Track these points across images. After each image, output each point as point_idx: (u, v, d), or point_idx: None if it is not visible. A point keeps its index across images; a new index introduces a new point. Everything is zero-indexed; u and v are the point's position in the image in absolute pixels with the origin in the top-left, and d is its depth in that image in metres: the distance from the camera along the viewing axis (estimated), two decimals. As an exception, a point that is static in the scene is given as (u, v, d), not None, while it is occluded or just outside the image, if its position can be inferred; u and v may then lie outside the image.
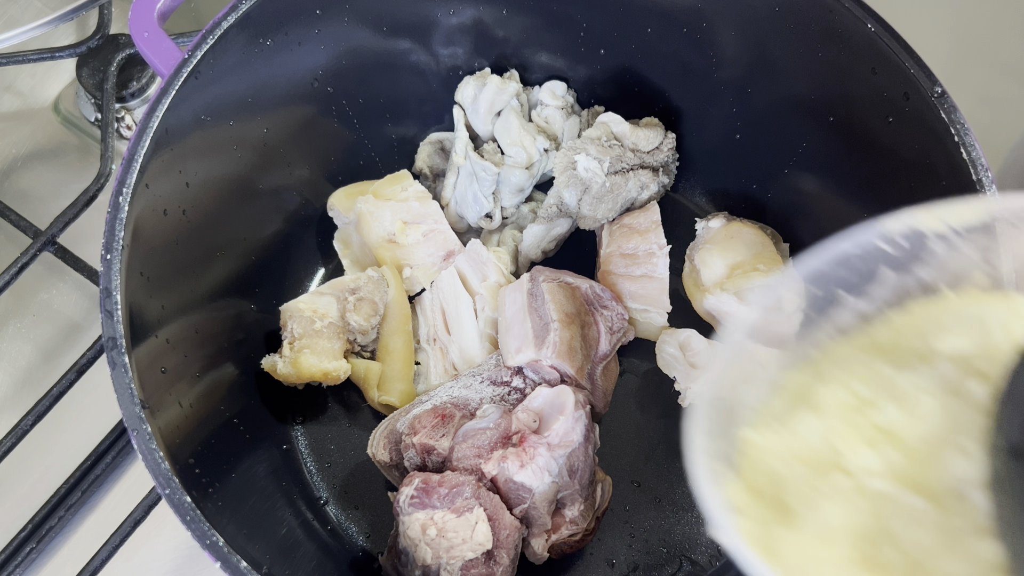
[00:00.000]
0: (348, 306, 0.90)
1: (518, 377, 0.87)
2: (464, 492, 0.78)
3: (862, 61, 0.79)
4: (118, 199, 0.73)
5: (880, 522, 0.47)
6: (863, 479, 0.49)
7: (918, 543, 0.46)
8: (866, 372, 0.53)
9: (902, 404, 0.50)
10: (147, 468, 0.66)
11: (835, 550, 0.47)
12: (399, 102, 0.99)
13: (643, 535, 0.89)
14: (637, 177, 0.95)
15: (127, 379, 0.68)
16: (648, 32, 0.93)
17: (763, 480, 0.52)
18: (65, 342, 1.01)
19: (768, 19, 0.84)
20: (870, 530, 0.47)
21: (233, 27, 0.80)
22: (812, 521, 0.48)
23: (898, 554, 0.46)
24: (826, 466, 0.50)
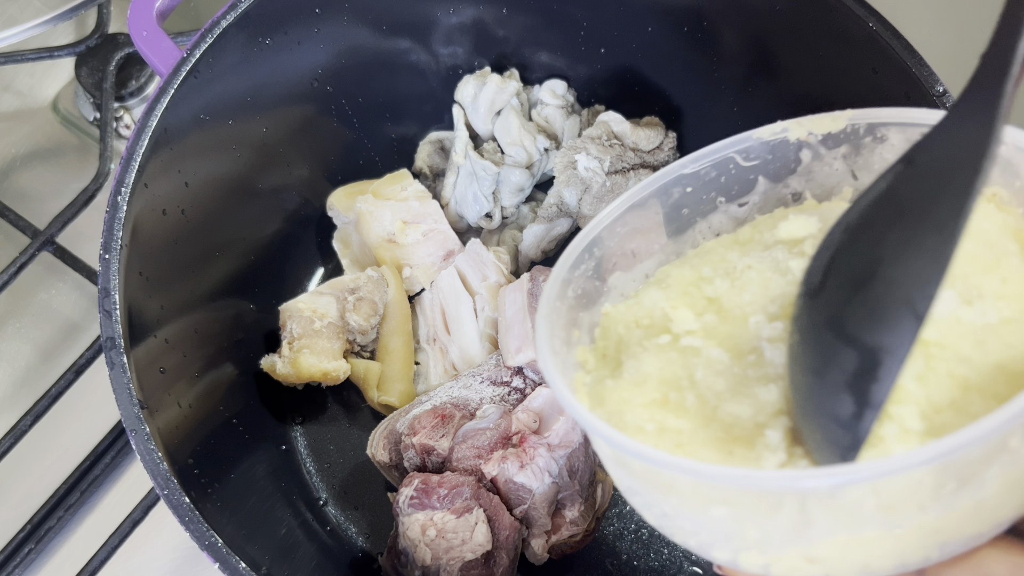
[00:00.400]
0: (347, 306, 0.90)
1: (518, 377, 0.87)
2: (464, 493, 0.78)
3: (863, 60, 0.79)
4: (117, 199, 0.73)
5: (686, 371, 0.52)
6: (681, 337, 0.54)
7: (713, 388, 0.51)
8: (717, 259, 0.59)
9: (731, 279, 0.56)
10: (146, 468, 0.67)
11: (644, 393, 0.52)
12: (399, 101, 0.99)
13: (644, 536, 0.89)
14: (638, 176, 0.95)
15: (126, 379, 0.69)
16: (649, 31, 0.93)
17: (609, 344, 0.58)
18: (64, 342, 1.01)
19: (769, 18, 0.84)
20: (676, 378, 0.52)
21: (232, 26, 0.80)
22: (631, 370, 0.54)
23: (695, 397, 0.51)
24: (656, 329, 0.56)
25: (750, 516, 0.46)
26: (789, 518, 0.44)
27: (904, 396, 0.45)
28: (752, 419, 0.49)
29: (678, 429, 0.50)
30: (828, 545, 0.45)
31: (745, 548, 0.47)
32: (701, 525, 0.49)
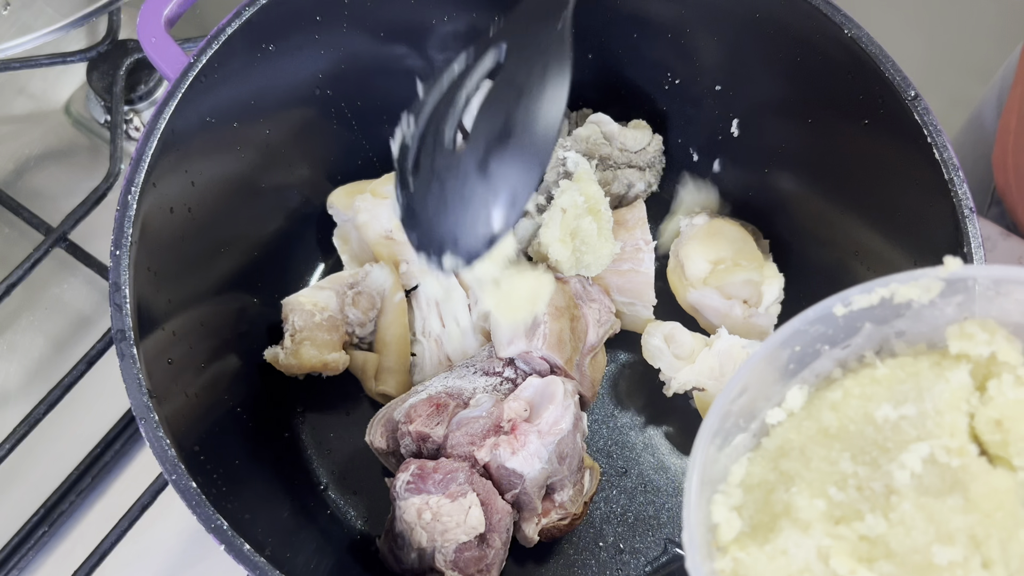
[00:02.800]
0: (347, 300, 0.91)
1: (510, 368, 0.88)
2: (458, 478, 0.79)
3: (839, 66, 0.80)
4: (127, 197, 0.74)
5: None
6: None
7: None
8: (828, 468, 0.54)
9: (881, 511, 0.51)
10: (154, 455, 0.67)
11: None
12: (396, 105, 0.92)
13: (630, 520, 0.90)
14: (624, 175, 0.97)
15: (135, 370, 0.69)
16: (634, 38, 0.93)
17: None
18: (75, 334, 1.01)
19: (748, 26, 0.85)
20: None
21: (236, 33, 0.81)
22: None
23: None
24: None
25: None
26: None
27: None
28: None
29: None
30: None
31: None
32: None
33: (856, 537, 0.51)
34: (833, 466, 0.54)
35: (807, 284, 0.93)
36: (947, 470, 0.52)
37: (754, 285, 0.90)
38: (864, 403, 0.56)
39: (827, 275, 0.91)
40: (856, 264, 0.87)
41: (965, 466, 0.52)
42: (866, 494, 0.52)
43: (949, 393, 0.54)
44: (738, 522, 0.54)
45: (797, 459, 0.55)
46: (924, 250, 0.78)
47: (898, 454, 0.53)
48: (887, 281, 0.55)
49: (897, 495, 0.52)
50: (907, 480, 0.52)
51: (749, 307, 0.91)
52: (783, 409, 0.57)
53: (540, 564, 0.89)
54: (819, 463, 0.54)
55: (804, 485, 0.53)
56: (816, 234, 0.93)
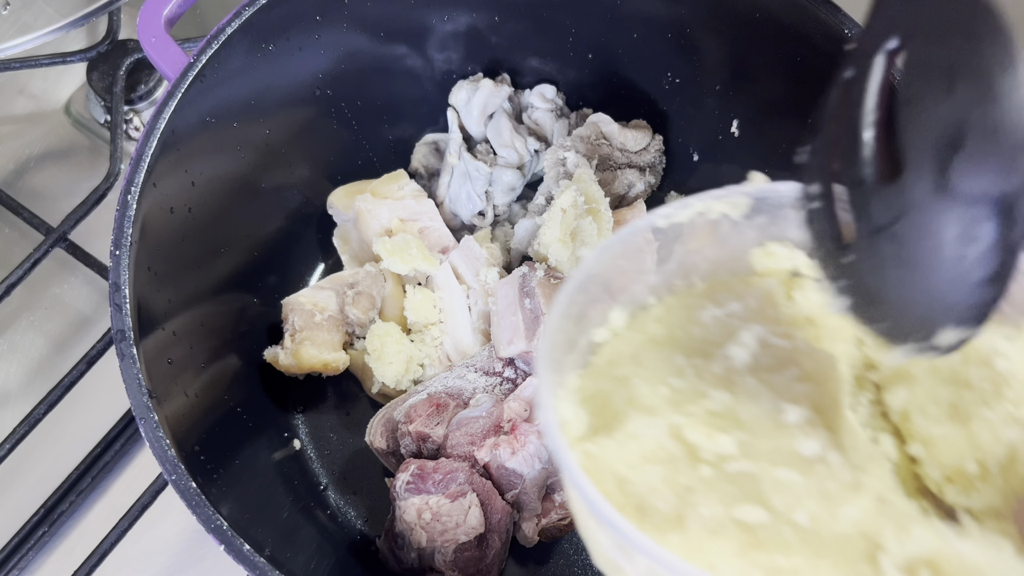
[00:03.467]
0: (347, 300, 0.91)
1: (510, 368, 0.88)
2: (458, 478, 0.79)
3: (839, 65, 0.79)
4: (126, 197, 0.74)
5: (761, 500, 0.48)
6: (725, 463, 0.50)
7: (805, 511, 0.47)
8: (662, 365, 0.55)
9: (725, 388, 0.53)
10: (154, 455, 0.67)
11: (726, 541, 0.48)
12: (396, 105, 1.00)
13: None
14: (624, 175, 0.97)
15: (135, 370, 0.69)
16: (634, 37, 0.93)
17: (621, 490, 0.51)
18: (76, 334, 1.02)
19: (748, 25, 0.85)
20: (756, 513, 0.48)
21: (236, 33, 0.81)
22: (694, 522, 0.48)
23: (790, 528, 0.47)
24: (679, 461, 0.50)
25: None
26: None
27: None
28: (863, 534, 0.46)
29: (792, 568, 0.45)
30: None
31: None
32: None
33: (704, 413, 0.52)
34: (668, 362, 0.55)
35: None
36: (779, 351, 0.54)
37: (754, 285, 0.90)
38: (687, 311, 0.58)
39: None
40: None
41: (795, 347, 0.54)
42: (707, 378, 0.53)
43: (764, 292, 0.57)
44: (584, 416, 0.54)
45: (630, 364, 0.56)
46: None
47: (732, 341, 0.55)
48: (702, 197, 0.57)
49: (738, 373, 0.53)
50: (746, 358, 0.54)
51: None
52: (607, 329, 0.58)
53: (540, 564, 0.89)
54: (653, 363, 0.55)
55: (642, 381, 0.54)
56: (816, 234, 0.93)
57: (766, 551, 0.46)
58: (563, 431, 0.53)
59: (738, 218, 0.57)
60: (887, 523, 0.47)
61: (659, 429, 0.51)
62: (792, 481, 0.48)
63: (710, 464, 0.49)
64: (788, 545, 0.46)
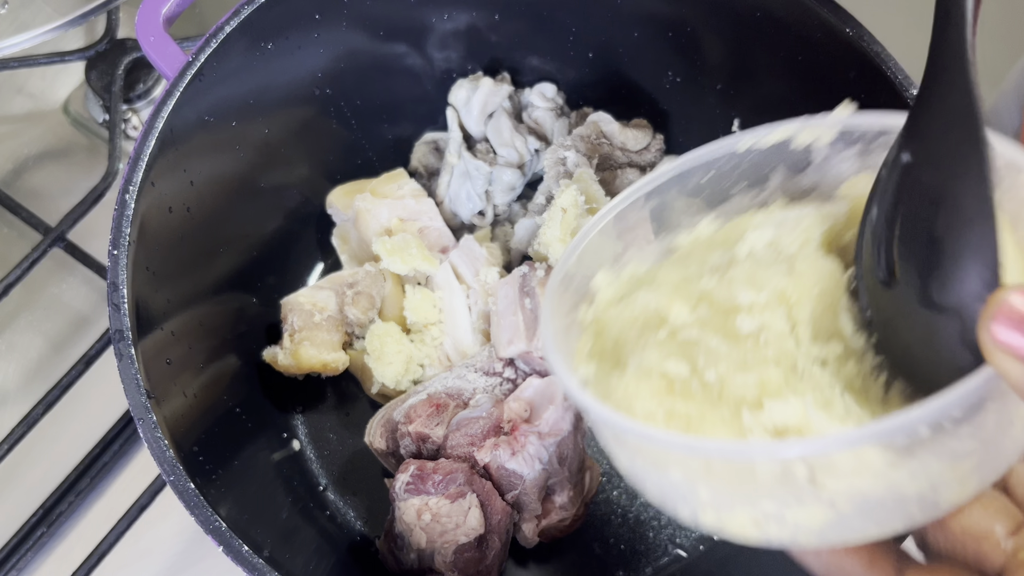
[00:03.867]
0: (346, 299, 0.91)
1: (510, 368, 0.88)
2: (457, 479, 0.79)
3: (841, 65, 0.80)
4: (125, 197, 0.73)
5: (688, 361, 0.53)
6: (679, 331, 0.55)
7: (716, 371, 0.52)
8: (699, 260, 0.60)
9: (719, 275, 0.57)
10: (153, 456, 0.67)
11: (650, 384, 0.53)
12: (395, 104, 1.00)
13: (630, 521, 0.90)
14: (625, 175, 0.97)
15: (133, 370, 0.69)
16: (635, 36, 0.93)
17: (606, 344, 0.59)
18: (74, 334, 1.01)
19: (750, 24, 0.85)
20: (679, 367, 0.53)
21: (235, 31, 0.81)
22: (634, 365, 0.55)
23: (699, 384, 0.52)
24: (652, 326, 0.57)
25: (703, 479, 0.49)
26: (742, 480, 0.48)
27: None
28: (756, 397, 0.50)
29: (686, 414, 0.51)
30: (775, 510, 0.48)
31: (701, 508, 0.51)
32: (669, 488, 0.52)
33: (697, 295, 0.57)
34: (703, 263, 0.59)
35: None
36: (783, 251, 0.57)
37: (755, 284, 0.90)
38: (728, 234, 0.61)
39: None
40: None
41: (802, 253, 0.57)
42: (714, 270, 0.58)
43: (816, 213, 0.59)
44: (611, 291, 0.62)
45: (680, 260, 0.62)
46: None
47: (744, 237, 0.59)
48: (786, 123, 0.62)
49: (735, 265, 0.57)
50: (744, 252, 0.58)
51: (750, 307, 0.91)
52: (692, 232, 0.63)
53: (540, 564, 0.89)
54: (694, 261, 0.60)
55: (672, 268, 0.61)
56: (818, 234, 0.93)
57: (673, 397, 0.52)
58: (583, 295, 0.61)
59: (825, 144, 0.61)
60: (781, 392, 0.51)
61: (650, 300, 0.58)
62: (719, 348, 0.53)
63: (669, 329, 0.56)
64: (691, 395, 0.52)
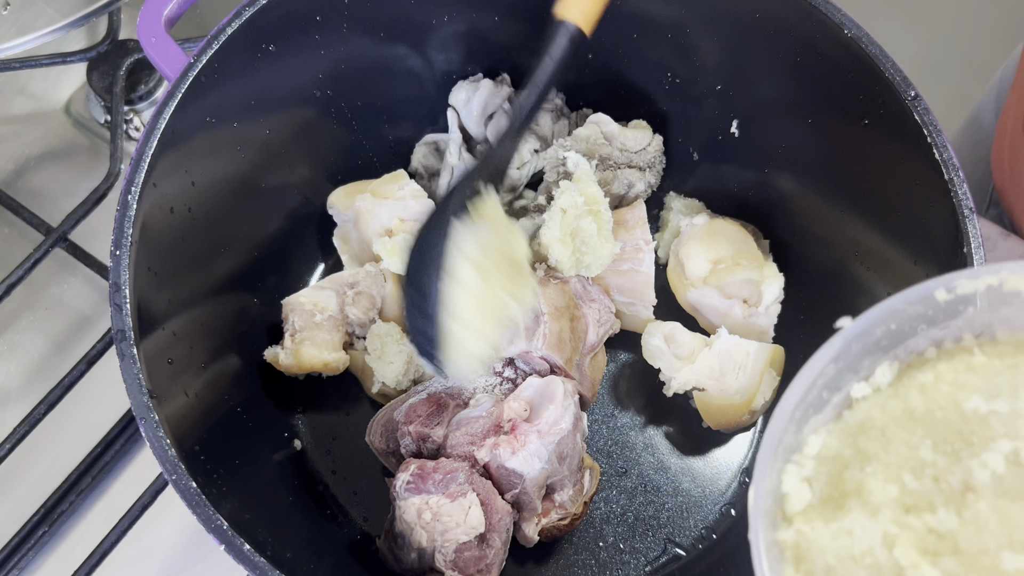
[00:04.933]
0: (347, 300, 0.91)
1: (510, 368, 0.88)
2: (458, 478, 0.79)
3: (839, 66, 0.80)
4: (127, 197, 0.74)
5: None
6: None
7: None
8: (904, 452, 0.52)
9: (955, 507, 0.50)
10: (154, 455, 0.67)
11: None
12: (396, 105, 1.00)
13: (629, 520, 0.91)
14: (624, 175, 0.97)
15: (135, 370, 0.69)
16: (634, 38, 0.93)
17: (815, 568, 0.52)
18: (76, 334, 1.01)
19: (748, 26, 0.85)
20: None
21: (236, 33, 0.81)
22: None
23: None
24: (883, 571, 0.49)
25: None
26: None
27: None
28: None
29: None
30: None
31: None
32: None
33: (925, 529, 0.49)
34: (913, 452, 0.52)
35: (807, 284, 0.93)
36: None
37: (754, 284, 0.91)
38: (955, 390, 0.54)
39: (827, 275, 0.92)
40: (856, 264, 0.88)
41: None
42: (942, 487, 0.51)
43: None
44: (808, 494, 0.53)
45: (877, 439, 0.53)
46: (924, 250, 0.78)
47: (982, 450, 0.51)
48: (997, 268, 0.53)
49: (974, 493, 0.50)
50: (987, 479, 0.50)
51: (749, 307, 0.91)
52: (870, 384, 0.55)
53: (540, 564, 0.89)
54: (899, 446, 0.53)
55: (880, 467, 0.52)
56: (816, 234, 0.93)
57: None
58: (778, 505, 0.52)
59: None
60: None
61: (874, 535, 0.50)
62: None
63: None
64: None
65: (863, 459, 0.53)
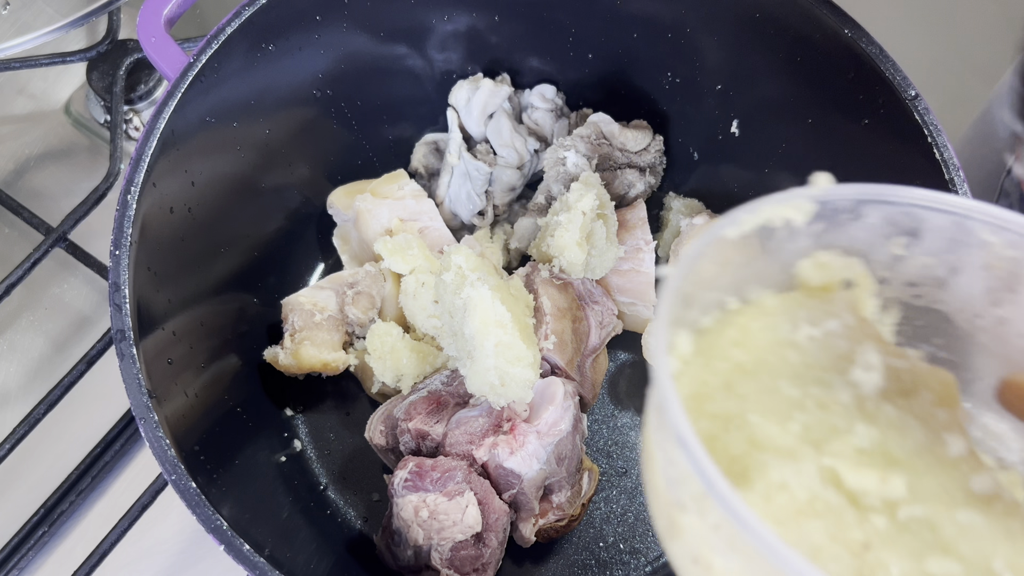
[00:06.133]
0: (347, 299, 0.91)
1: None
2: (456, 476, 0.79)
3: (840, 65, 0.80)
4: (126, 197, 0.74)
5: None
6: (898, 509, 0.43)
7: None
8: (773, 399, 0.47)
9: (865, 419, 0.46)
10: (154, 455, 0.67)
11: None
12: (396, 104, 1.00)
13: (629, 520, 0.90)
14: (624, 175, 0.97)
15: (135, 370, 0.69)
16: (634, 38, 0.93)
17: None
18: (75, 334, 1.02)
19: (748, 26, 0.85)
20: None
21: (236, 32, 0.81)
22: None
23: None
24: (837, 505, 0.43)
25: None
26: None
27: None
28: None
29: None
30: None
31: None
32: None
33: (853, 452, 0.44)
34: (777, 394, 0.47)
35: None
36: (900, 372, 0.49)
37: (754, 284, 0.90)
38: (770, 332, 0.50)
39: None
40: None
41: (913, 368, 0.49)
42: (836, 409, 0.46)
43: (850, 305, 0.51)
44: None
45: (725, 399, 0.47)
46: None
47: (847, 365, 0.48)
48: (767, 201, 0.49)
49: (872, 402, 0.46)
50: (878, 382, 0.47)
51: (749, 307, 0.91)
52: (677, 356, 0.49)
53: (539, 564, 0.89)
54: (759, 396, 0.47)
55: (760, 417, 0.46)
56: (816, 234, 0.93)
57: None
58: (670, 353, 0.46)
59: (801, 224, 0.51)
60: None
61: (810, 476, 0.43)
62: (975, 524, 0.41)
63: (880, 512, 0.42)
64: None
65: (731, 421, 0.46)
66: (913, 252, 0.53)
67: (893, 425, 0.45)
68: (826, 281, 0.52)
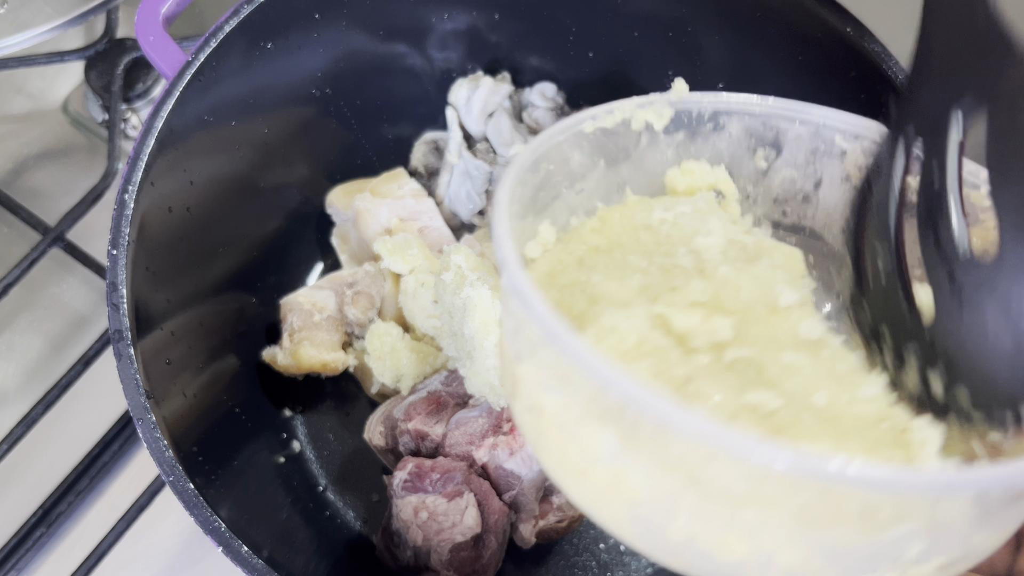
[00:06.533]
0: (346, 299, 0.91)
1: None
2: (455, 477, 0.79)
3: (842, 64, 0.80)
4: (124, 197, 0.73)
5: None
6: (725, 350, 0.45)
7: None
8: (620, 267, 0.51)
9: (701, 277, 0.50)
10: (152, 456, 0.67)
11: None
12: (395, 103, 1.00)
13: None
14: None
15: (133, 370, 0.69)
16: (635, 36, 0.93)
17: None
18: (73, 334, 1.01)
19: (750, 24, 0.85)
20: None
21: (235, 31, 0.81)
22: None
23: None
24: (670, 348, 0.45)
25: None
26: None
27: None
28: (883, 416, 0.44)
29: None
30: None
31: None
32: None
33: (687, 303, 0.47)
34: (625, 263, 0.50)
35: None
36: (744, 245, 0.52)
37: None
38: (628, 220, 0.54)
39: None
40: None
41: (759, 242, 0.52)
42: (677, 273, 0.49)
43: (707, 199, 0.55)
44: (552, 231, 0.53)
45: (576, 270, 0.50)
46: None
47: (693, 237, 0.52)
48: (626, 102, 0.56)
49: (712, 264, 0.50)
50: (720, 244, 0.51)
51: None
52: (539, 243, 0.53)
53: (540, 565, 0.89)
54: (607, 266, 0.50)
55: (605, 277, 0.48)
56: (817, 234, 0.93)
57: (790, 437, 0.41)
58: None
59: (660, 130, 0.56)
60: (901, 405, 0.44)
61: (640, 320, 0.45)
62: (800, 364, 0.44)
63: (706, 353, 0.44)
64: (811, 431, 0.41)
65: (576, 286, 0.49)
66: (776, 165, 0.58)
67: (729, 283, 0.48)
68: (691, 186, 0.57)
